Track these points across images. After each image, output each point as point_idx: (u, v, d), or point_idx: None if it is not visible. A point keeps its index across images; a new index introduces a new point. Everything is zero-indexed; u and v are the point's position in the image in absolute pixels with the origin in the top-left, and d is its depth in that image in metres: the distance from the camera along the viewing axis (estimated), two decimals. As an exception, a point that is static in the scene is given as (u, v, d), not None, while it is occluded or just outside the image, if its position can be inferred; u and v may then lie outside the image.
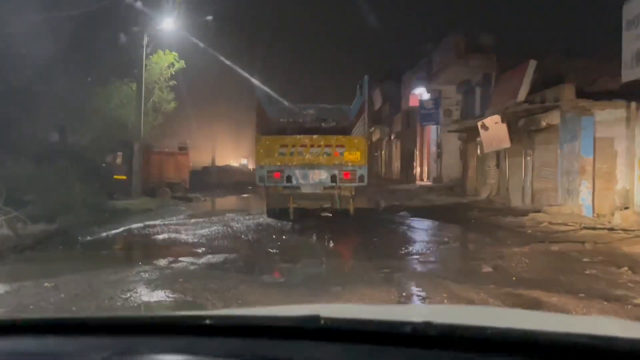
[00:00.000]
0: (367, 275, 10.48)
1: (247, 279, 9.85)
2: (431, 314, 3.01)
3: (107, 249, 13.47)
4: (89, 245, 13.89)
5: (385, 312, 3.05)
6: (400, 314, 2.93)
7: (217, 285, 9.08)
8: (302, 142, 18.67)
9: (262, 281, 10.01)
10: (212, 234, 16.26)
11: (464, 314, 2.92)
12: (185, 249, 13.43)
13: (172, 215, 21.12)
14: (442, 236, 16.49)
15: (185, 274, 10.29)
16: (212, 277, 9.91)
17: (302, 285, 9.71)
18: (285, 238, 15.92)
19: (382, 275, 10.43)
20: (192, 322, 2.29)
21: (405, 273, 10.92)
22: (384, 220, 20.46)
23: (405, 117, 45.86)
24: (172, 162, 29.79)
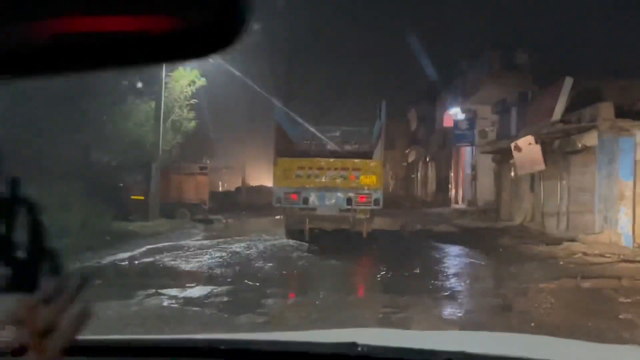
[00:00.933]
0: (365, 314, 9.09)
1: (218, 321, 8.50)
2: (468, 341, 2.83)
3: (88, 280, 12.18)
4: (70, 275, 12.62)
5: (421, 338, 3.03)
6: (436, 341, 2.87)
7: (171, 329, 7.74)
8: (319, 165, 18.79)
9: (237, 323, 8.64)
10: (215, 260, 15.03)
11: (502, 342, 2.92)
12: (173, 280, 12.15)
13: (183, 238, 19.86)
14: (463, 267, 14.99)
15: (149, 313, 8.98)
16: (178, 318, 8.61)
17: (285, 328, 8.28)
18: (291, 265, 14.69)
19: (380, 316, 9.03)
20: (228, 346, 2.24)
21: (410, 312, 9.47)
22: (405, 247, 19.19)
23: (440, 137, 44.28)
24: (191, 182, 28.61)
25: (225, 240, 19.87)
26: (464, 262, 15.83)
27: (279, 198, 18.70)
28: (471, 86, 35.32)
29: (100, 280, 12.11)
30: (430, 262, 15.03)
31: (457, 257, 16.65)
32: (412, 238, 21.52)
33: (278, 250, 17.41)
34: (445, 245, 18.75)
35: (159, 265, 14.54)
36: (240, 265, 14.34)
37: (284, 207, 19.16)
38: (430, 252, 17.40)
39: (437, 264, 14.81)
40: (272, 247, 18.07)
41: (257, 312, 9.36)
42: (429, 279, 12.76)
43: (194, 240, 19.76)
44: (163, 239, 19.47)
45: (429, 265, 14.51)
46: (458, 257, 16.77)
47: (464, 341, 2.82)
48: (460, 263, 15.58)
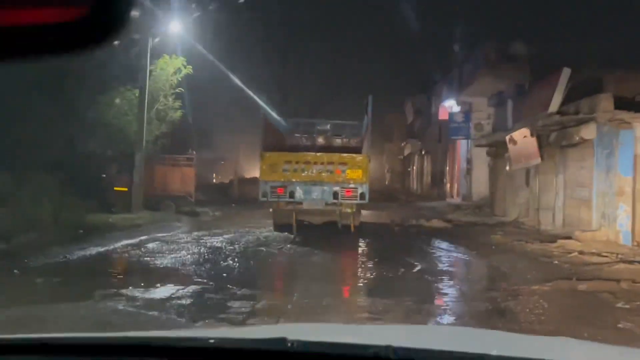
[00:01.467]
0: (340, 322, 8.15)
1: (172, 327, 7.56)
2: (399, 335, 2.83)
3: (47, 276, 11.18)
4: (29, 272, 11.65)
5: (352, 332, 3.10)
6: (369, 335, 2.87)
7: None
8: (306, 159, 18.83)
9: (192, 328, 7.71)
10: (191, 256, 14.11)
11: (433, 336, 2.99)
12: (139, 279, 11.20)
13: (163, 232, 18.87)
14: (451, 265, 14.09)
15: (97, 318, 8.03)
16: (128, 324, 7.70)
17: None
18: (270, 263, 13.90)
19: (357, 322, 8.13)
20: (159, 343, 2.25)
21: (389, 318, 8.55)
22: (393, 242, 18.42)
23: (436, 130, 43.34)
24: (177, 174, 27.51)
25: (207, 234, 19.03)
26: (453, 260, 14.95)
27: (265, 192, 18.62)
28: (467, 78, 34.38)
29: (60, 278, 11.20)
30: (416, 260, 14.05)
31: (446, 255, 15.74)
32: (402, 233, 20.64)
33: (260, 245, 16.56)
34: (434, 241, 17.86)
35: (129, 261, 13.65)
36: (216, 262, 13.42)
37: (270, 201, 19.01)
38: (418, 248, 16.44)
39: (424, 262, 13.81)
40: (256, 241, 17.30)
41: (218, 317, 8.40)
42: (413, 280, 11.85)
43: (174, 234, 18.80)
44: (142, 232, 18.52)
45: (415, 264, 13.56)
46: (447, 254, 15.87)
47: (398, 335, 2.76)
48: (449, 261, 14.67)
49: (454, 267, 13.81)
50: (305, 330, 2.90)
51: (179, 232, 19.24)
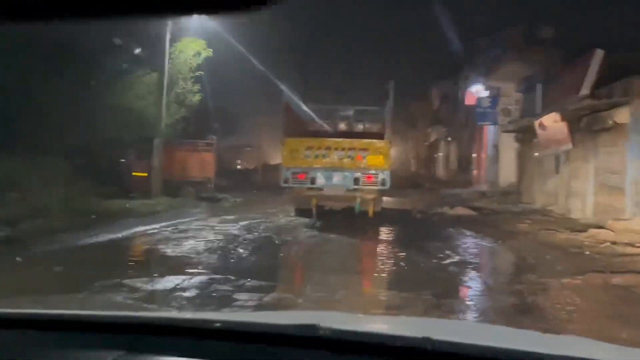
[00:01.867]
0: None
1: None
2: (432, 328, 2.69)
3: (47, 265, 10.60)
4: (31, 261, 11.07)
5: (384, 323, 3.15)
6: (400, 326, 2.80)
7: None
8: (327, 145, 18.71)
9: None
10: (204, 244, 13.43)
11: (468, 331, 2.99)
12: (146, 268, 10.63)
13: (180, 218, 18.27)
14: (475, 256, 13.31)
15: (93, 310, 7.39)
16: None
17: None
18: (284, 252, 13.23)
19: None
20: (193, 325, 2.25)
21: (409, 310, 7.87)
22: (414, 230, 17.81)
23: (462, 116, 42.44)
24: (196, 159, 26.94)
25: (225, 220, 18.42)
26: (477, 250, 14.13)
27: (287, 178, 18.59)
28: (494, 63, 33.52)
29: (62, 267, 10.61)
30: (438, 250, 13.32)
31: (470, 244, 14.93)
32: (424, 221, 19.87)
33: (278, 232, 15.88)
34: (458, 230, 17.10)
35: (140, 249, 13.08)
36: (230, 251, 12.78)
37: (291, 187, 18.97)
38: (441, 237, 15.68)
39: (446, 252, 13.05)
40: (274, 228, 16.66)
41: (221, 311, 7.78)
42: (434, 271, 11.11)
43: (190, 220, 18.17)
44: (157, 219, 17.96)
45: (437, 254, 12.81)
46: (471, 243, 15.06)
47: (430, 328, 2.62)
48: (472, 251, 13.84)
49: (478, 257, 13.01)
50: (335, 318, 2.72)
51: (196, 219, 18.62)
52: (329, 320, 2.12)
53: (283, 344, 2.01)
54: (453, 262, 12.00)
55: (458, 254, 13.05)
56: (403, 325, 3.02)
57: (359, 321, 3.10)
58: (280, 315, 3.27)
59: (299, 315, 3.06)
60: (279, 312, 6.95)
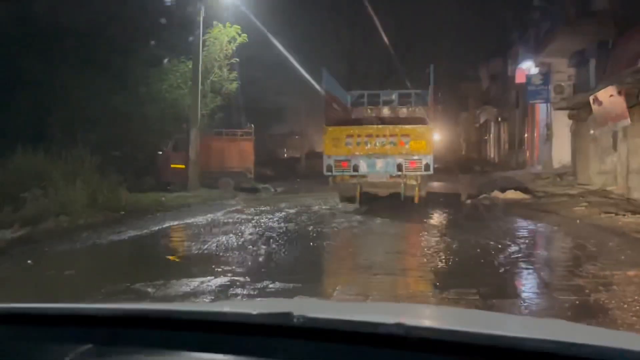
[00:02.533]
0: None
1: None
2: (409, 313, 2.71)
3: (59, 268, 9.70)
4: (42, 263, 10.20)
5: (361, 310, 2.96)
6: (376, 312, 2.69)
7: None
8: (368, 132, 18.62)
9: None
10: (235, 240, 12.41)
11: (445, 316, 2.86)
12: (161, 269, 9.69)
13: (214, 211, 17.37)
14: (529, 244, 12.00)
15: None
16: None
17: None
18: (319, 246, 12.14)
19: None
20: (165, 315, 2.17)
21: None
22: (462, 216, 16.60)
23: (513, 95, 40.77)
24: (234, 149, 25.95)
25: (262, 212, 17.46)
26: (530, 239, 12.80)
27: (330, 166, 18.57)
28: (545, 38, 31.78)
29: (73, 270, 9.71)
30: (487, 238, 12.09)
31: (523, 232, 13.63)
32: (473, 206, 18.58)
33: (316, 224, 14.78)
34: (509, 215, 15.83)
35: (163, 247, 12.12)
36: (260, 247, 11.73)
37: (334, 175, 18.85)
38: (490, 223, 14.43)
39: (495, 241, 11.81)
40: (313, 220, 15.61)
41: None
42: (482, 264, 9.91)
43: (225, 213, 17.23)
44: (190, 212, 17.11)
45: (485, 243, 11.58)
46: (523, 231, 13.78)
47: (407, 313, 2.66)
48: (525, 240, 12.46)
49: (531, 247, 11.69)
50: (312, 306, 2.69)
51: (231, 212, 17.67)
52: (304, 307, 2.08)
53: (257, 334, 1.94)
54: (503, 253, 10.77)
55: (509, 243, 11.76)
56: (380, 311, 2.91)
57: (336, 308, 2.97)
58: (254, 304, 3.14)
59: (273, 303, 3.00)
60: (253, 301, 6.78)
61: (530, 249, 11.37)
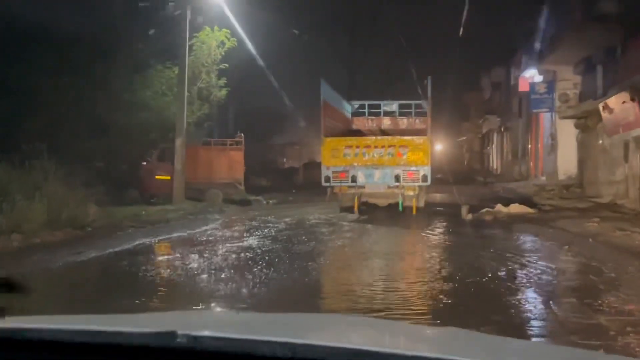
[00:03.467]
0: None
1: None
2: (308, 326, 2.50)
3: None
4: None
5: (255, 322, 2.57)
6: (271, 326, 2.41)
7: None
8: (366, 143, 18.71)
9: None
10: (204, 263, 10.86)
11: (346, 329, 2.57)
12: (107, 300, 8.10)
13: (191, 228, 15.68)
14: (537, 267, 10.43)
15: None
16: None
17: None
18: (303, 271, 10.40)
19: None
20: (30, 336, 1.86)
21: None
22: (463, 232, 15.18)
23: (516, 105, 39.32)
24: (223, 159, 24.25)
25: (246, 229, 15.91)
26: (538, 260, 11.19)
27: (328, 177, 18.50)
28: (549, 44, 30.31)
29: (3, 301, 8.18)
30: (489, 261, 10.59)
31: (529, 252, 12.07)
32: (475, 221, 17.04)
33: (304, 242, 13.22)
34: (514, 233, 14.35)
35: (121, 273, 10.42)
36: (232, 275, 10.13)
37: (332, 186, 18.78)
38: (493, 243, 12.95)
39: (498, 265, 10.28)
40: (302, 238, 13.91)
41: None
42: (483, 292, 8.39)
43: (206, 230, 15.50)
44: (168, 228, 15.60)
45: (487, 268, 10.05)
46: (529, 250, 12.24)
47: (313, 326, 2.51)
48: (532, 262, 10.88)
49: (539, 270, 10.12)
50: (202, 320, 2.61)
51: (213, 228, 16.00)
52: (192, 322, 2.13)
53: (136, 356, 1.76)
54: (508, 281, 9.24)
55: (514, 267, 10.24)
56: (273, 324, 2.49)
57: (225, 322, 2.72)
58: (140, 319, 2.59)
59: (161, 318, 2.65)
60: (139, 315, 5.32)
61: (538, 274, 9.79)
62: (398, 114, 23.43)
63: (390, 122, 23.23)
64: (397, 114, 23.45)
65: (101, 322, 2.20)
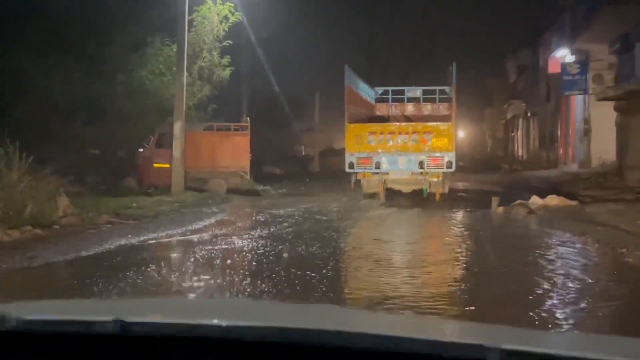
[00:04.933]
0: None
1: None
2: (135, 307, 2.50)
3: None
4: None
5: (84, 307, 2.52)
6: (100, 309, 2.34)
7: None
8: (390, 130, 18.35)
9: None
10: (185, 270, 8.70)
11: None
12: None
13: (181, 226, 13.17)
14: (588, 278, 8.12)
15: None
16: None
17: None
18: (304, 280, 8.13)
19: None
20: None
21: None
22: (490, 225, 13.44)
23: (544, 88, 36.86)
24: (227, 145, 21.81)
25: (248, 226, 13.69)
26: (594, 271, 8.87)
27: (352, 163, 18.07)
28: (582, 21, 27.91)
29: None
30: (531, 268, 8.36)
31: (578, 257, 9.70)
32: (506, 215, 14.80)
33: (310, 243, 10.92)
34: (555, 229, 12.10)
35: (74, 287, 8.24)
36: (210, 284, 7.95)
37: (355, 173, 18.30)
38: (529, 241, 10.80)
39: (542, 276, 8.00)
40: (310, 237, 11.61)
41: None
42: (522, 309, 6.14)
43: (198, 228, 13.11)
44: (152, 226, 13.03)
45: (528, 279, 7.80)
46: (579, 255, 9.84)
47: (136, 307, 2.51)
48: (586, 272, 8.58)
49: (602, 290, 7.78)
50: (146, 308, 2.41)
51: (206, 226, 13.38)
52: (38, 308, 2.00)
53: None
54: (559, 298, 6.96)
55: (564, 279, 7.93)
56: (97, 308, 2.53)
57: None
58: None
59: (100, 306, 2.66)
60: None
61: (600, 292, 7.47)
62: (422, 100, 22.96)
63: (414, 108, 22.80)
64: (420, 100, 22.96)
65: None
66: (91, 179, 19.83)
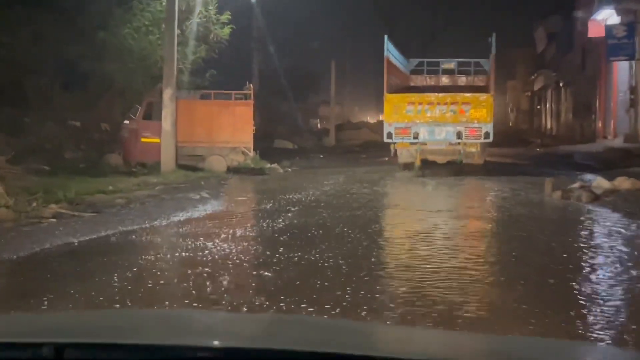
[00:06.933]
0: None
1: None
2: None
3: None
4: None
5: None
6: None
7: None
8: (429, 100, 18.12)
9: None
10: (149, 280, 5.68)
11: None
12: None
13: (155, 218, 9.96)
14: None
15: None
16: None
17: None
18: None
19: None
20: None
21: None
22: (553, 216, 10.79)
23: (578, 55, 33.39)
24: (227, 117, 18.11)
25: (237, 215, 10.76)
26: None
27: (390, 133, 17.98)
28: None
29: None
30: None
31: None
32: (565, 202, 11.64)
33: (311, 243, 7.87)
34: (625, 220, 9.27)
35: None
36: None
37: (394, 142, 18.28)
38: (607, 243, 8.05)
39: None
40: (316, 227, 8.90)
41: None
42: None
43: (175, 221, 9.85)
44: (116, 219, 9.68)
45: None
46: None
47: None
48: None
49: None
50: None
51: (186, 220, 9.97)
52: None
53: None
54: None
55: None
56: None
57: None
58: None
59: None
60: None
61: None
62: (457, 72, 22.78)
63: (448, 80, 22.56)
64: (455, 72, 22.79)
65: None
66: (70, 154, 16.82)
